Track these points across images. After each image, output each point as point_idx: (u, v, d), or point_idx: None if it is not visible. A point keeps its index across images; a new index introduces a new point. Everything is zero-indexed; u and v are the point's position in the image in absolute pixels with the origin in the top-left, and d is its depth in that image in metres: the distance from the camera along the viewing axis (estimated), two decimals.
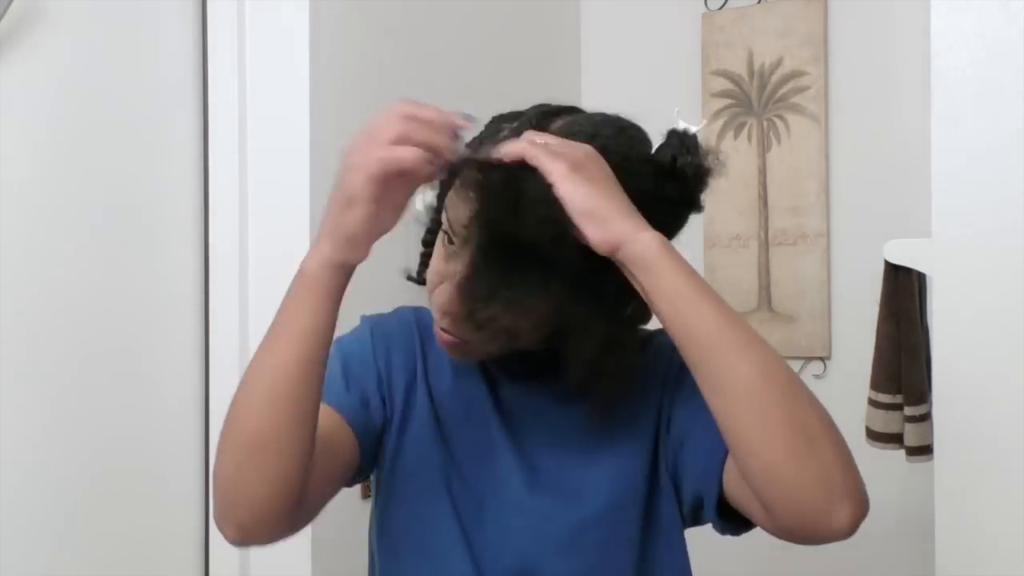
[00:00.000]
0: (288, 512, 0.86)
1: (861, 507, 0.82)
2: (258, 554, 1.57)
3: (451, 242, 0.94)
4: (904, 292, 1.52)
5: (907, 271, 1.50)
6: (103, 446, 1.43)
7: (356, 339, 1.03)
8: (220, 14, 1.58)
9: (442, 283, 0.94)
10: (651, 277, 0.83)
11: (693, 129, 0.91)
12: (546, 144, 0.84)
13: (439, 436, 0.98)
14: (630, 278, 0.84)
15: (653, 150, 0.91)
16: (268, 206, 1.58)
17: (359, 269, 0.89)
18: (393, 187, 0.85)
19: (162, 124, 1.54)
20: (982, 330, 1.31)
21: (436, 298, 0.95)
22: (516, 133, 0.90)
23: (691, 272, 0.84)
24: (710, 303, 0.83)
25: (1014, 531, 1.29)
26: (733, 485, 0.89)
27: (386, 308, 1.09)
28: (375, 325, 1.05)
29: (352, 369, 0.99)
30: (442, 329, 0.94)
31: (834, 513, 0.81)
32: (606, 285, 0.87)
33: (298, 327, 0.86)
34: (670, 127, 0.92)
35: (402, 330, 1.04)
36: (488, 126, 0.96)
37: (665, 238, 0.84)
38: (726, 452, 0.88)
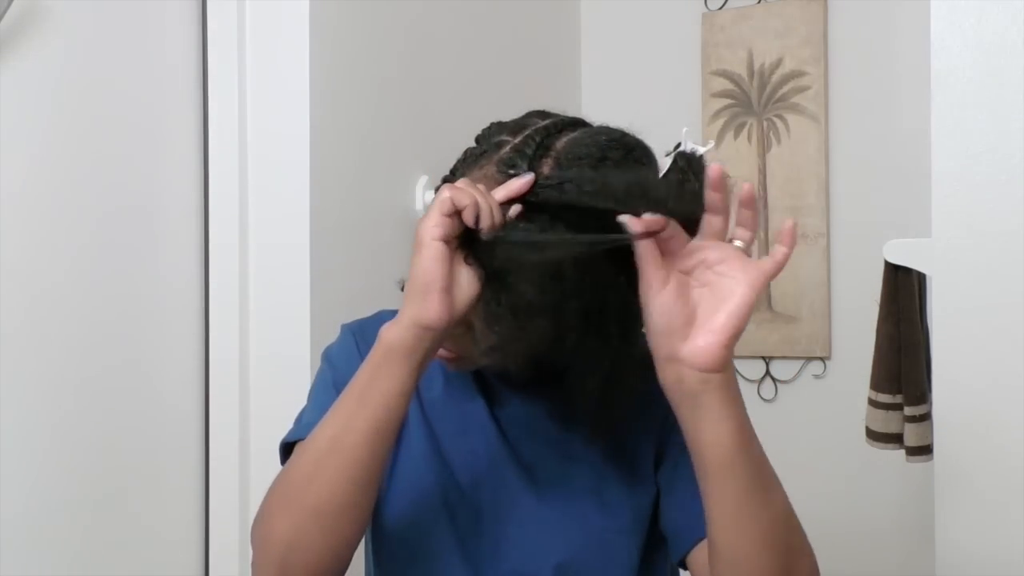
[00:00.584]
0: (344, 570, 0.86)
1: None
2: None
3: None
4: (904, 292, 1.52)
5: (907, 271, 1.50)
6: (103, 446, 1.43)
7: (342, 353, 1.01)
8: (220, 14, 1.58)
9: None
10: (706, 419, 0.80)
11: (701, 150, 0.88)
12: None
13: (431, 444, 0.97)
14: (675, 393, 0.81)
15: (660, 171, 0.87)
16: (268, 206, 1.58)
17: (355, 273, 0.88)
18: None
19: (162, 124, 1.54)
20: (982, 330, 1.31)
21: None
22: (518, 158, 0.87)
23: (743, 421, 0.81)
24: (748, 454, 0.81)
25: (1014, 531, 1.29)
26: (696, 562, 0.90)
27: (387, 304, 1.09)
28: (357, 333, 1.02)
29: None
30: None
31: None
32: (619, 316, 0.86)
33: (376, 393, 0.82)
34: (678, 146, 0.88)
35: None
36: (488, 133, 0.95)
37: (734, 373, 0.82)
38: (703, 532, 0.87)
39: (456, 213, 0.80)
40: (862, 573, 2.08)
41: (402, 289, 1.04)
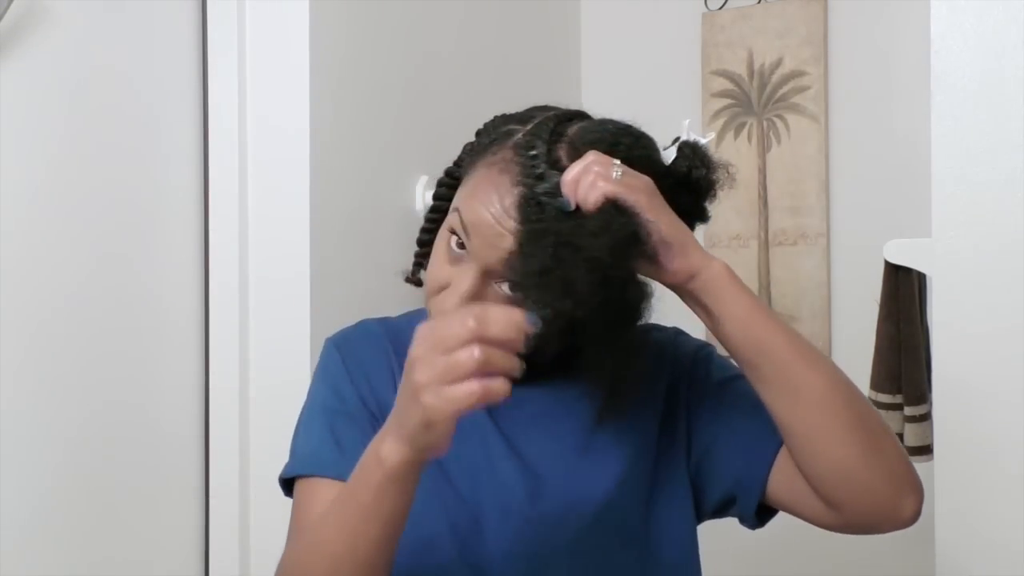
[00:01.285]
0: None
1: (922, 497, 0.90)
2: (258, 554, 1.57)
3: (461, 246, 0.91)
4: (904, 292, 1.52)
5: (907, 271, 1.50)
6: (103, 446, 1.43)
7: (329, 374, 1.00)
8: (220, 14, 1.58)
9: (444, 289, 0.92)
10: (723, 303, 0.87)
11: (703, 141, 0.92)
12: (619, 176, 0.84)
13: None
14: (691, 303, 0.88)
15: (667, 160, 0.91)
16: (268, 206, 1.58)
17: (355, 273, 0.88)
18: None
19: (162, 123, 1.54)
20: (982, 330, 1.31)
21: (438, 305, 0.92)
22: (536, 140, 0.88)
23: (754, 295, 0.89)
24: (775, 322, 0.89)
25: (1014, 531, 1.29)
26: (780, 486, 0.93)
27: (385, 309, 1.09)
28: (342, 347, 1.02)
29: (338, 425, 0.96)
30: None
31: (902, 505, 0.89)
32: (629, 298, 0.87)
33: (385, 510, 0.82)
34: (679, 138, 0.92)
35: (372, 346, 1.01)
36: (494, 124, 0.96)
37: (728, 265, 0.88)
38: (772, 455, 0.93)
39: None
40: (862, 573, 2.08)
41: (407, 280, 1.04)
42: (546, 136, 0.89)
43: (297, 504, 0.95)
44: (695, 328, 1.01)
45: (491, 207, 0.87)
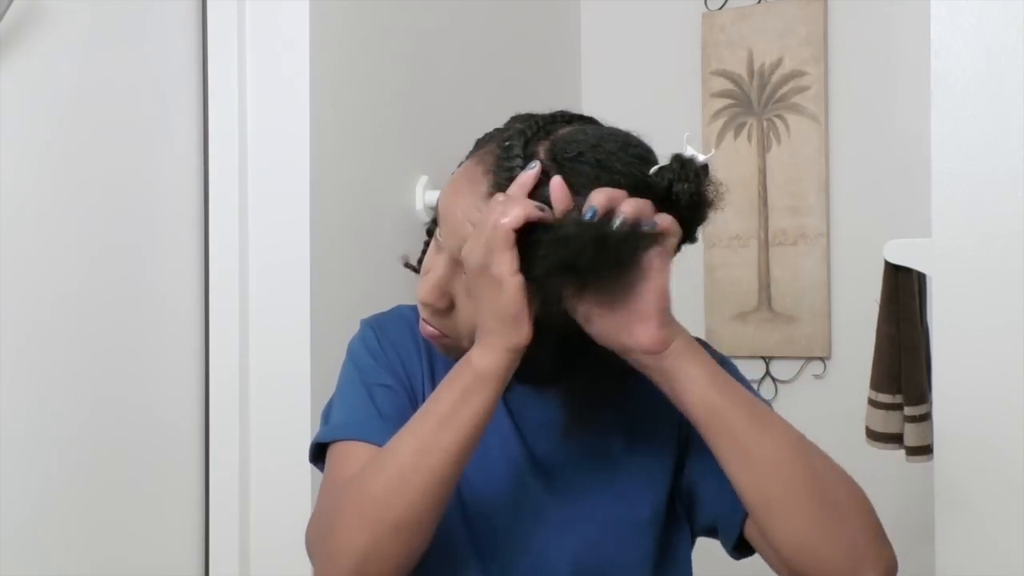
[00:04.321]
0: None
1: (888, 570, 0.87)
2: (258, 554, 1.57)
3: (437, 236, 0.94)
4: (904, 292, 1.52)
5: (907, 271, 1.50)
6: (103, 446, 1.43)
7: (365, 350, 1.01)
8: (220, 14, 1.58)
9: (426, 274, 0.94)
10: (679, 384, 0.86)
11: (701, 158, 0.88)
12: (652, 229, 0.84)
13: None
14: (652, 369, 0.86)
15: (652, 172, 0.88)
16: (268, 206, 1.58)
17: (355, 273, 0.88)
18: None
19: (162, 124, 1.54)
20: (982, 330, 1.31)
21: (417, 289, 0.94)
22: (517, 134, 0.89)
23: (713, 365, 0.87)
24: (733, 391, 0.87)
25: (1014, 531, 1.29)
26: (753, 534, 0.92)
27: (384, 308, 1.09)
28: (377, 329, 1.03)
29: (377, 396, 0.97)
30: (424, 321, 0.94)
31: None
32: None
33: (465, 416, 0.84)
34: (676, 152, 0.89)
35: (404, 330, 1.02)
36: (507, 125, 0.95)
37: (688, 338, 0.87)
38: None
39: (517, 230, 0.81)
40: None
41: (405, 266, 1.04)
42: (530, 133, 0.89)
43: (333, 466, 0.94)
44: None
45: (460, 197, 0.89)
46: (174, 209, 1.56)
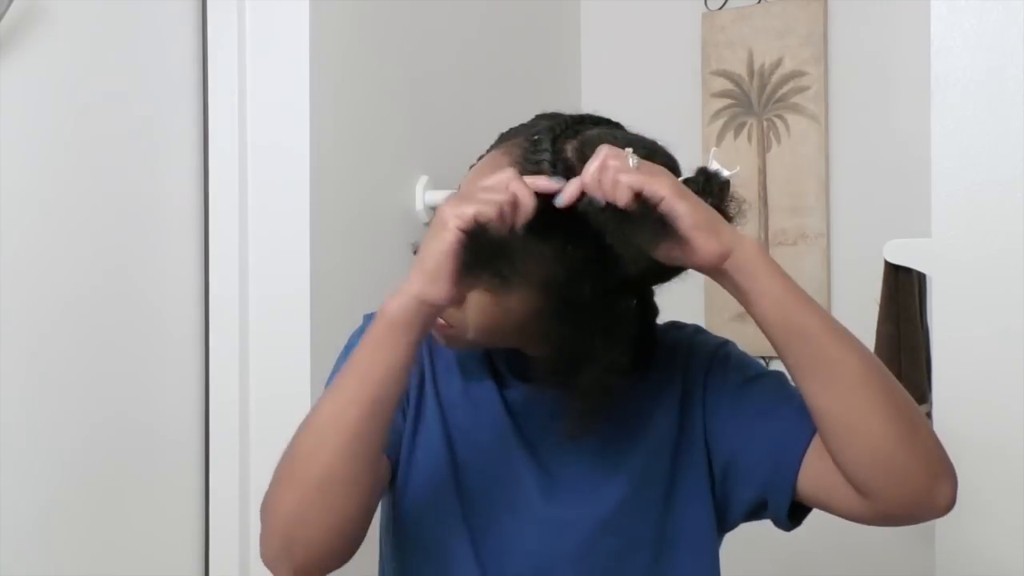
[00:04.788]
0: (349, 550, 0.87)
1: (956, 484, 0.88)
2: (258, 556, 1.57)
3: None
4: (904, 292, 1.52)
5: (907, 271, 1.50)
6: (103, 446, 1.43)
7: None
8: (220, 14, 1.58)
9: None
10: (758, 282, 0.86)
11: (725, 173, 0.90)
12: (637, 165, 0.84)
13: (447, 441, 0.97)
14: (725, 283, 0.87)
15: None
16: (268, 206, 1.58)
17: (355, 273, 0.89)
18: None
19: (162, 124, 1.54)
20: (982, 330, 1.31)
21: None
22: (546, 131, 0.90)
23: (786, 275, 0.88)
24: (810, 303, 0.88)
25: (1014, 531, 1.29)
26: (811, 482, 0.91)
27: None
28: None
29: None
30: None
31: (938, 491, 0.87)
32: (619, 310, 0.88)
33: (377, 367, 0.85)
34: (701, 165, 0.92)
35: None
36: (533, 121, 0.96)
37: (760, 243, 0.86)
38: (801, 452, 0.91)
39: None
40: (862, 573, 2.08)
41: (415, 253, 1.05)
42: (559, 130, 0.89)
43: None
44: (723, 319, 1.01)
45: (482, 180, 0.89)
46: (174, 210, 1.56)
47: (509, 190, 0.82)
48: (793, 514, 0.95)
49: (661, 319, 1.01)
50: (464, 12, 1.99)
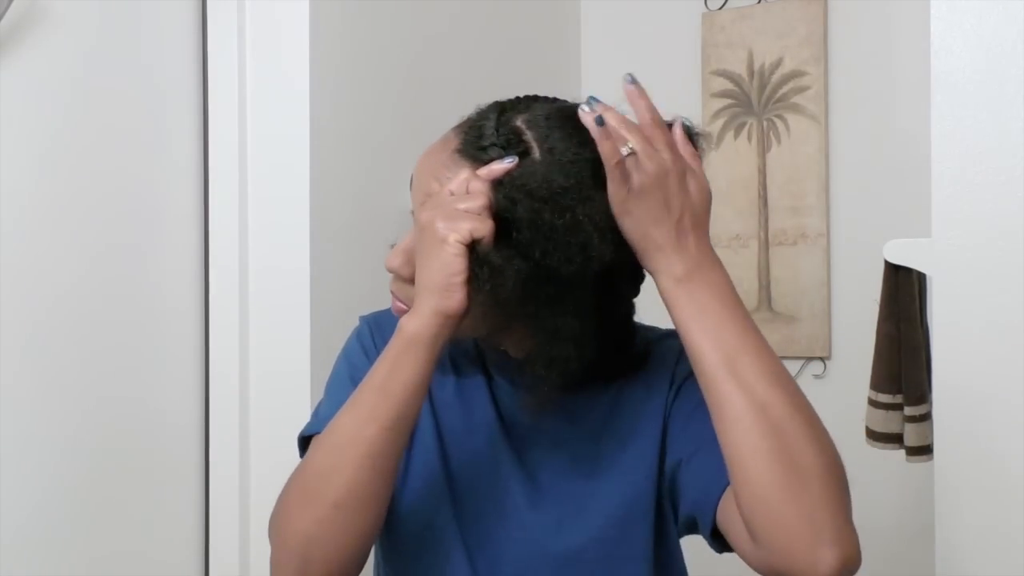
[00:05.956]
0: (363, 564, 0.87)
1: (849, 558, 0.81)
2: (259, 553, 1.57)
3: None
4: (904, 292, 1.52)
5: (907, 271, 1.50)
6: (103, 445, 1.43)
7: (358, 346, 1.02)
8: (220, 14, 1.58)
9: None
10: (680, 327, 0.85)
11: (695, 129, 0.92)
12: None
13: (439, 445, 0.97)
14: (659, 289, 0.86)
15: None
16: (268, 206, 1.58)
17: (355, 273, 0.89)
18: None
19: (162, 124, 1.54)
20: (982, 330, 1.31)
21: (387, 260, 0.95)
22: (497, 108, 0.92)
23: (716, 296, 0.85)
24: (718, 331, 0.83)
25: (1014, 531, 1.29)
26: (723, 514, 0.88)
27: (387, 304, 1.09)
28: (373, 325, 1.03)
29: None
30: (393, 295, 0.94)
31: (818, 556, 0.79)
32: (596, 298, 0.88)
33: (397, 384, 0.84)
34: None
35: None
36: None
37: (709, 280, 0.85)
38: (727, 482, 0.87)
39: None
40: (862, 573, 2.08)
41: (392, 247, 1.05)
42: (508, 105, 0.92)
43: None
44: None
45: (430, 155, 0.93)
46: (174, 208, 1.56)
47: (481, 199, 0.84)
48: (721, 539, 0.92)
49: (662, 324, 1.01)
50: (464, 12, 1.99)
